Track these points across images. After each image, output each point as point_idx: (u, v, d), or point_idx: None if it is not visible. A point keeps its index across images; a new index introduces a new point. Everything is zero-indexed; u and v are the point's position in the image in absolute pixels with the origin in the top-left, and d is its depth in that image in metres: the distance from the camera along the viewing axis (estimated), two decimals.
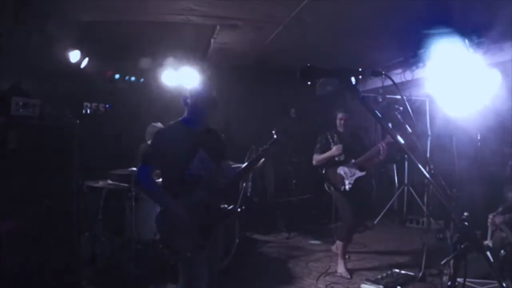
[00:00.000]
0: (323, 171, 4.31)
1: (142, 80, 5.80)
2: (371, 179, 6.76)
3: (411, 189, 6.37)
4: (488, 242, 3.59)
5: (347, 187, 4.14)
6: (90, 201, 4.15)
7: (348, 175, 4.18)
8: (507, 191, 3.85)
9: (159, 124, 5.23)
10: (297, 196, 6.40)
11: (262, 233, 5.78)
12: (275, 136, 2.68)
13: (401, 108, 4.55)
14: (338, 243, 4.36)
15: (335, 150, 4.17)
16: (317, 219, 6.35)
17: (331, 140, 4.27)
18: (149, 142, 5.18)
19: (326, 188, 4.33)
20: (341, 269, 4.19)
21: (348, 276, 4.09)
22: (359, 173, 4.21)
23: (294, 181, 6.40)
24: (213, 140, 2.67)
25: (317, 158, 4.29)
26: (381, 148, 4.08)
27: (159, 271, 4.08)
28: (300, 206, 6.38)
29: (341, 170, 4.20)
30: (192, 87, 2.64)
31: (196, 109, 2.57)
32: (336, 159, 4.21)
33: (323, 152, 4.26)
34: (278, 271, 4.39)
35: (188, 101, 2.57)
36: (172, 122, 2.64)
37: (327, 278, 4.12)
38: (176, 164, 2.48)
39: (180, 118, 2.64)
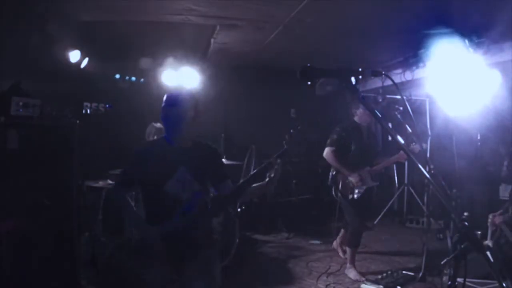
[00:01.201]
0: (333, 173, 4.14)
1: (142, 80, 5.79)
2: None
3: (411, 189, 6.37)
4: (488, 242, 3.59)
5: (355, 195, 3.97)
6: (90, 201, 4.15)
7: (359, 184, 3.97)
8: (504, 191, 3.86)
9: (159, 124, 5.23)
10: (297, 196, 6.40)
11: (262, 233, 5.78)
12: (285, 147, 2.30)
13: (401, 108, 4.55)
14: (348, 249, 4.25)
15: (354, 178, 3.94)
16: (317, 219, 6.35)
17: (349, 135, 3.99)
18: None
19: (333, 193, 4.19)
20: (352, 274, 4.09)
21: (363, 279, 4.01)
22: (371, 183, 4.05)
23: (294, 181, 6.40)
24: (200, 159, 2.29)
25: (330, 155, 4.03)
26: (403, 158, 3.95)
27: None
28: (300, 206, 6.38)
29: (353, 177, 3.98)
30: (162, 99, 2.39)
31: (166, 124, 2.33)
32: (351, 160, 3.99)
33: (339, 147, 3.99)
34: (278, 271, 4.39)
35: (161, 114, 2.34)
36: (153, 139, 2.45)
37: (327, 278, 4.13)
38: (150, 184, 2.23)
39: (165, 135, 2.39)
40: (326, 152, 4.07)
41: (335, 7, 3.83)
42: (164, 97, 2.41)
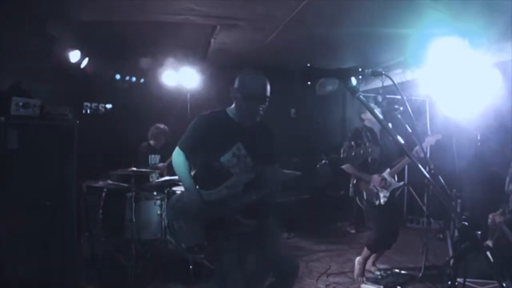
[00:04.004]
0: (354, 182, 3.96)
1: (142, 80, 5.80)
2: None
3: (411, 189, 6.37)
4: (488, 242, 3.58)
5: (382, 200, 3.78)
6: (90, 201, 4.15)
7: (383, 188, 3.80)
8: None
9: (163, 126, 5.24)
10: (297, 196, 6.39)
11: None
12: (317, 166, 2.42)
13: (401, 108, 4.55)
14: (365, 250, 4.02)
15: (376, 181, 3.77)
16: (317, 219, 6.35)
17: (366, 141, 3.67)
18: (151, 142, 5.21)
19: (358, 202, 4.00)
20: (353, 274, 4.05)
21: (363, 278, 3.95)
22: (395, 184, 3.88)
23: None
24: (258, 139, 2.45)
25: (349, 169, 3.88)
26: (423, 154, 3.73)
27: (159, 271, 4.08)
28: (300, 206, 6.37)
29: (375, 181, 3.80)
30: (244, 76, 2.44)
31: (244, 105, 2.38)
32: (370, 166, 3.82)
33: (355, 160, 3.88)
34: None
35: (237, 94, 2.40)
36: (217, 110, 2.48)
37: (327, 278, 4.13)
38: (208, 153, 2.37)
39: (227, 108, 2.49)
40: (346, 168, 3.89)
41: (335, 7, 3.83)
42: (254, 78, 2.42)
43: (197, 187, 2.43)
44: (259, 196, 2.35)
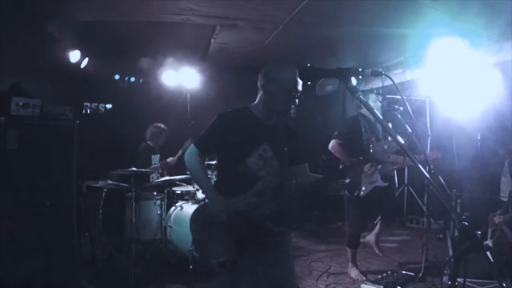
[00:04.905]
0: (341, 167, 3.82)
1: (142, 80, 5.80)
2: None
3: (411, 189, 6.37)
4: (488, 242, 3.58)
5: (361, 193, 3.74)
6: (90, 201, 4.15)
7: (366, 181, 3.71)
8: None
9: (162, 125, 5.24)
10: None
11: None
12: (346, 164, 2.28)
13: (401, 108, 4.55)
14: (348, 250, 4.12)
15: (366, 167, 3.59)
16: (317, 219, 6.35)
17: (363, 129, 3.74)
18: (149, 142, 5.20)
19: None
20: (354, 274, 4.06)
21: (364, 278, 3.97)
22: (379, 182, 3.82)
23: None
24: (284, 139, 2.22)
25: (337, 147, 3.77)
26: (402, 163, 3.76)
27: (159, 271, 4.08)
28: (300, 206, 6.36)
29: (366, 168, 3.62)
30: (282, 67, 2.18)
31: (280, 99, 2.15)
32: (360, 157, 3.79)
33: (347, 138, 3.77)
34: None
35: (274, 87, 2.14)
36: (239, 107, 2.23)
37: (327, 278, 4.12)
38: (230, 154, 2.14)
39: (250, 104, 2.25)
40: (332, 144, 3.84)
41: (335, 7, 3.83)
42: (293, 72, 2.15)
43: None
44: (287, 202, 2.16)
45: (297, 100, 2.19)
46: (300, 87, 2.16)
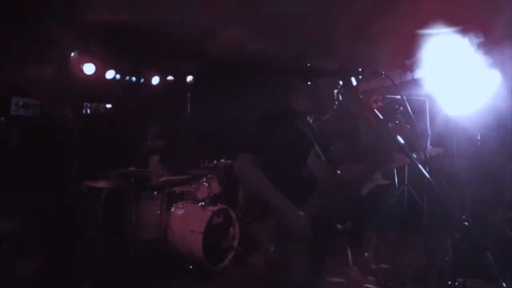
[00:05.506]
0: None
1: (142, 80, 5.80)
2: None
3: (411, 189, 6.36)
4: (488, 242, 3.58)
5: (364, 191, 3.69)
6: (90, 201, 4.15)
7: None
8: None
9: (162, 126, 5.24)
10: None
11: None
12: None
13: (401, 108, 4.55)
14: (348, 249, 4.10)
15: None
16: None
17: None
18: (149, 142, 5.20)
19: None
20: (354, 274, 4.05)
21: (364, 279, 3.96)
22: (381, 180, 3.67)
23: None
24: (326, 138, 2.10)
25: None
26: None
27: (159, 271, 4.08)
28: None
29: None
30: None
31: (325, 93, 1.95)
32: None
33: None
34: None
35: (321, 80, 1.93)
36: (279, 104, 2.08)
37: (327, 278, 4.12)
38: (287, 158, 1.89)
39: (289, 102, 2.07)
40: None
41: (335, 7, 3.83)
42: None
43: None
44: (344, 199, 2.02)
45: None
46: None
